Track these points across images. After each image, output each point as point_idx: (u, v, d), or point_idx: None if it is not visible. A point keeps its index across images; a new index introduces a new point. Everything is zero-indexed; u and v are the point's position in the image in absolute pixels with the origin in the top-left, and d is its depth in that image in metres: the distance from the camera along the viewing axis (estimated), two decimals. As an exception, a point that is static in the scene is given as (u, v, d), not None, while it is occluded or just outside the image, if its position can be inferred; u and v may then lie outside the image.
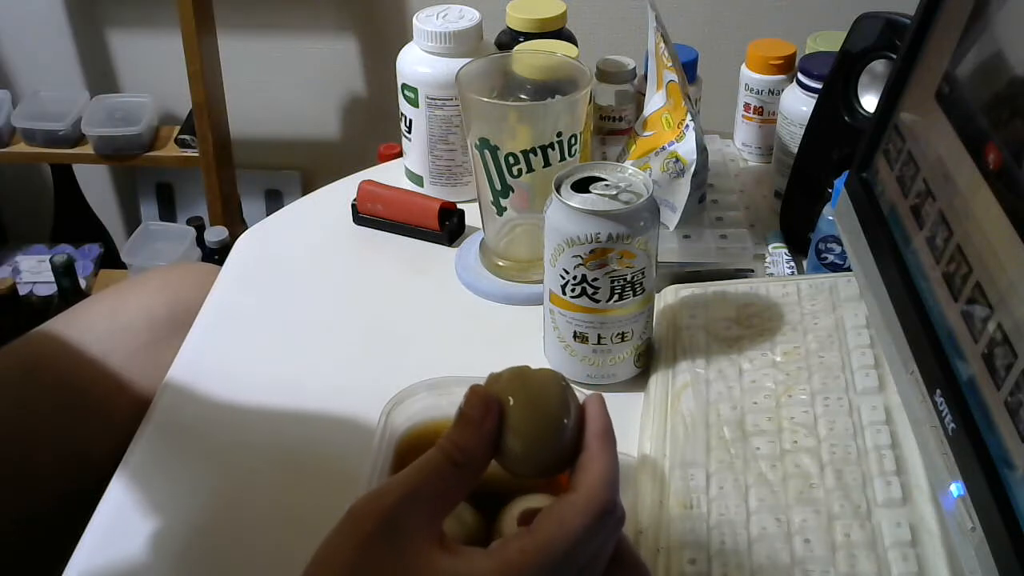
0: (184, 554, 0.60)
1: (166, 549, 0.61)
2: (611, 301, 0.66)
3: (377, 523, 0.41)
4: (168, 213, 2.03)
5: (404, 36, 0.90)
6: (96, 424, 0.78)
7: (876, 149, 0.65)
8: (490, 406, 0.45)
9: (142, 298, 0.86)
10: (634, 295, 0.66)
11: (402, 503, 0.41)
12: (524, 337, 0.74)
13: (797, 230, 0.83)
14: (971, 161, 0.52)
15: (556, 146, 0.74)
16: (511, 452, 0.46)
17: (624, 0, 1.68)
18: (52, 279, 1.76)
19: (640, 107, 0.90)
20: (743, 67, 0.93)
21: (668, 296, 0.75)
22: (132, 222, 2.05)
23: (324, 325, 0.78)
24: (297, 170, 1.98)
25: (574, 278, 0.65)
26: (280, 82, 1.89)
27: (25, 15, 1.86)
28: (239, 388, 0.73)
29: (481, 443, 0.44)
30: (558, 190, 0.64)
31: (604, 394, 0.62)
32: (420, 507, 0.42)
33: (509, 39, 0.92)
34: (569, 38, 0.92)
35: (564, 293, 0.66)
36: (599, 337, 0.68)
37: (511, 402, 0.46)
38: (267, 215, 0.97)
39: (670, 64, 0.80)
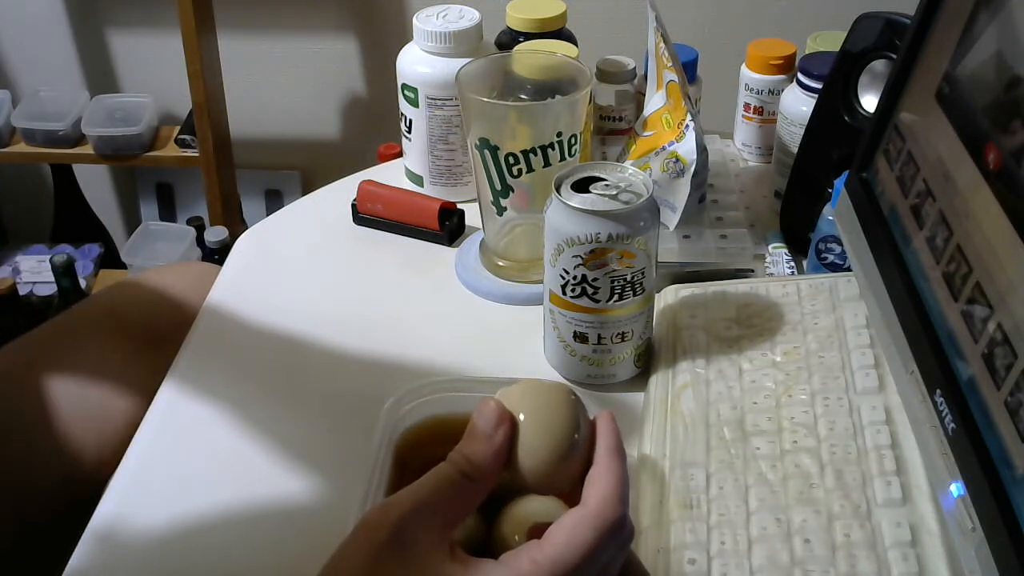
0: (184, 555, 0.60)
1: (166, 550, 0.61)
2: (611, 301, 0.66)
3: (389, 533, 0.41)
4: (168, 213, 2.03)
5: (404, 36, 0.91)
6: (95, 424, 0.78)
7: (876, 149, 0.65)
8: (502, 420, 0.46)
9: (141, 298, 0.86)
10: (634, 295, 0.66)
11: (413, 514, 0.42)
12: (524, 337, 0.74)
13: (797, 230, 0.83)
14: (971, 161, 0.52)
15: (556, 146, 0.74)
16: (521, 467, 0.46)
17: (624, 0, 1.68)
18: (52, 279, 1.76)
19: (640, 107, 0.90)
20: (743, 67, 0.93)
21: (668, 296, 0.75)
22: (132, 222, 2.05)
23: (324, 325, 0.78)
24: (297, 170, 1.98)
25: (574, 278, 0.65)
26: (280, 82, 1.89)
27: (25, 15, 1.86)
28: (238, 388, 0.73)
29: (492, 457, 0.45)
30: (558, 190, 0.64)
31: (604, 394, 0.62)
32: (431, 518, 0.42)
33: (509, 39, 0.92)
34: (569, 38, 0.92)
35: (564, 293, 0.66)
36: (599, 337, 0.68)
37: (522, 417, 0.46)
38: (267, 215, 0.97)
39: (670, 64, 0.80)
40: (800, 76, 0.84)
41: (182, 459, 0.67)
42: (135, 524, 0.62)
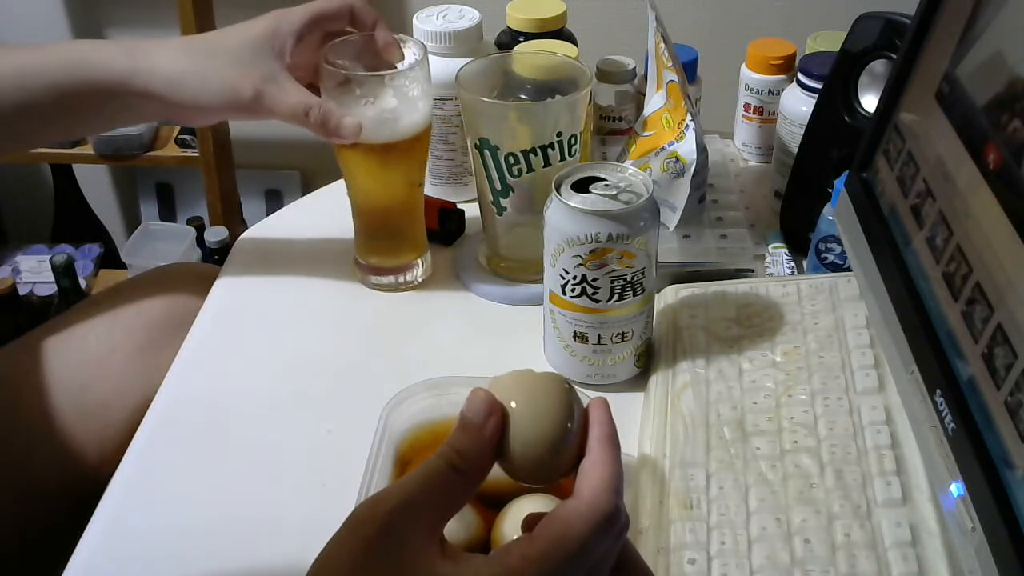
0: (183, 555, 0.60)
1: (165, 550, 0.61)
2: (611, 301, 0.66)
3: (377, 529, 0.40)
4: (168, 213, 2.03)
5: (404, 36, 0.91)
6: (95, 425, 0.78)
7: (876, 149, 0.65)
8: (492, 410, 0.44)
9: (141, 299, 0.86)
10: (634, 295, 0.66)
11: (402, 509, 0.41)
12: (524, 337, 0.74)
13: (797, 230, 0.83)
14: (971, 161, 0.52)
15: (556, 146, 0.74)
16: (514, 457, 0.45)
17: (624, 0, 1.68)
18: (52, 279, 1.76)
19: (640, 107, 0.90)
20: (743, 67, 0.93)
21: (668, 296, 0.75)
22: (132, 222, 2.05)
23: (324, 325, 0.78)
24: (297, 170, 1.98)
25: (574, 278, 0.65)
26: (280, 82, 1.88)
27: (25, 15, 1.86)
28: (238, 389, 0.73)
29: (483, 448, 0.44)
30: (558, 190, 0.64)
31: (604, 394, 0.62)
32: (420, 513, 0.41)
33: (509, 39, 0.92)
34: (569, 38, 0.92)
35: (564, 293, 0.66)
36: (599, 337, 0.68)
37: (514, 406, 0.45)
38: (267, 215, 0.97)
39: (670, 64, 0.80)
40: (800, 76, 0.84)
41: (181, 459, 0.67)
42: (136, 524, 0.62)
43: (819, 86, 0.81)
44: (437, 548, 0.41)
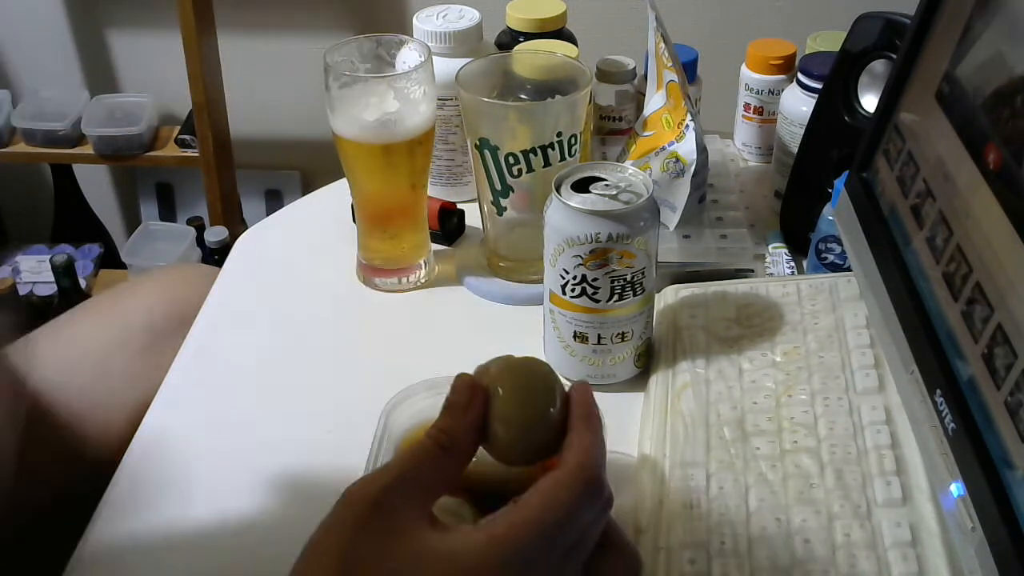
0: (182, 554, 0.60)
1: (165, 549, 0.61)
2: (611, 301, 0.66)
3: (368, 506, 0.42)
4: (168, 213, 2.03)
5: (404, 36, 0.91)
6: (95, 426, 0.78)
7: (876, 149, 0.65)
8: (475, 391, 0.47)
9: (141, 300, 0.86)
10: (634, 295, 0.66)
11: (392, 486, 0.43)
12: (524, 337, 0.74)
13: (797, 230, 0.83)
14: (971, 161, 0.52)
15: (556, 146, 0.74)
16: (499, 439, 0.47)
17: (624, 0, 1.68)
18: (52, 279, 1.76)
19: (640, 107, 0.90)
20: (743, 67, 0.93)
21: (668, 296, 0.75)
22: (132, 222, 2.05)
23: (324, 325, 0.79)
24: (297, 170, 1.98)
25: (574, 278, 0.65)
26: (280, 82, 1.88)
27: (25, 15, 1.86)
28: (238, 389, 0.73)
29: (467, 427, 0.46)
30: (558, 190, 0.64)
31: (604, 394, 0.62)
32: (410, 490, 0.43)
33: (509, 39, 0.92)
34: (569, 38, 0.92)
35: (564, 293, 0.66)
36: (599, 337, 0.68)
37: (499, 391, 0.47)
38: (267, 215, 0.97)
39: (670, 64, 0.80)
40: (800, 76, 0.84)
41: (180, 460, 0.67)
42: (135, 525, 0.62)
43: (819, 86, 0.81)
44: (427, 522, 0.43)
